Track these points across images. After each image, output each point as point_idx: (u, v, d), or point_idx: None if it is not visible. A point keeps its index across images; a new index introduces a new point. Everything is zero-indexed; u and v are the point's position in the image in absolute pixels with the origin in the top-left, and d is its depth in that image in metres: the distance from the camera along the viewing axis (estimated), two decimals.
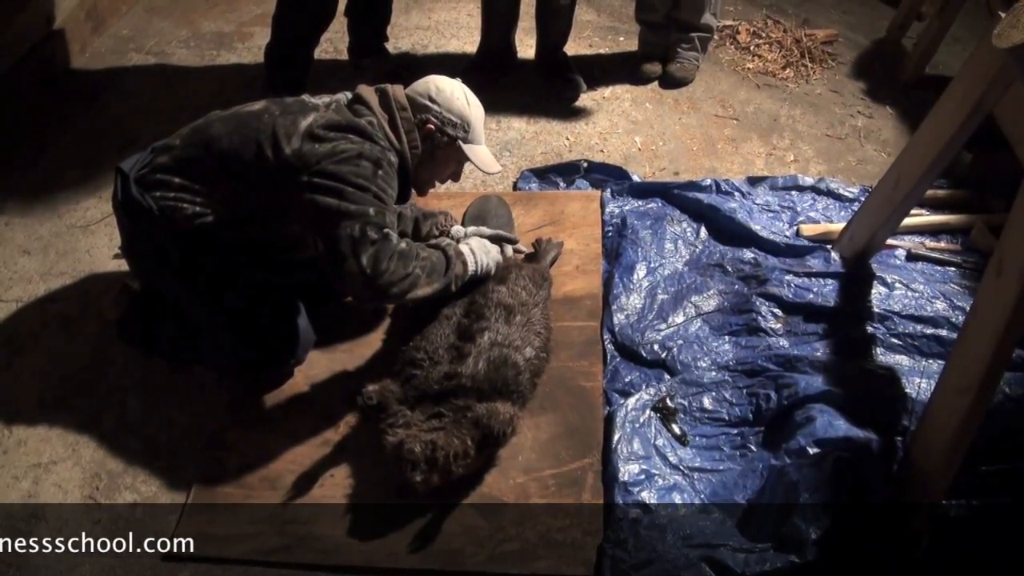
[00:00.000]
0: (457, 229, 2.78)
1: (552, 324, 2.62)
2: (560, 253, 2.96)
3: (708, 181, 3.23)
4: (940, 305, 2.69)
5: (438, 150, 2.52)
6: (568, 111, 3.82)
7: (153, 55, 4.30)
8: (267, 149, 2.28)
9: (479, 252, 2.54)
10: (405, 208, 2.73)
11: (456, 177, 2.68)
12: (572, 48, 4.01)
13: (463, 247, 2.53)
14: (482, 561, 2.17)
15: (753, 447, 2.40)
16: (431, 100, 2.48)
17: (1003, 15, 1.96)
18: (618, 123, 3.74)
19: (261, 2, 4.53)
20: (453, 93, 2.50)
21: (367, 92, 2.47)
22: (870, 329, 2.64)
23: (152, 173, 2.38)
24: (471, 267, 2.50)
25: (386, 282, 2.25)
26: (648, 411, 2.45)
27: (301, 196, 2.26)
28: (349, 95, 2.49)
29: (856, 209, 2.94)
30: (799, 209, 3.16)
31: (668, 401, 2.49)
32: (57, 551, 2.26)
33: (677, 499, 2.27)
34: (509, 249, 2.82)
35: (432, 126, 2.47)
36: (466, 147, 2.53)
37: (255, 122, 2.34)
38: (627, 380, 2.59)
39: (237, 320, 2.49)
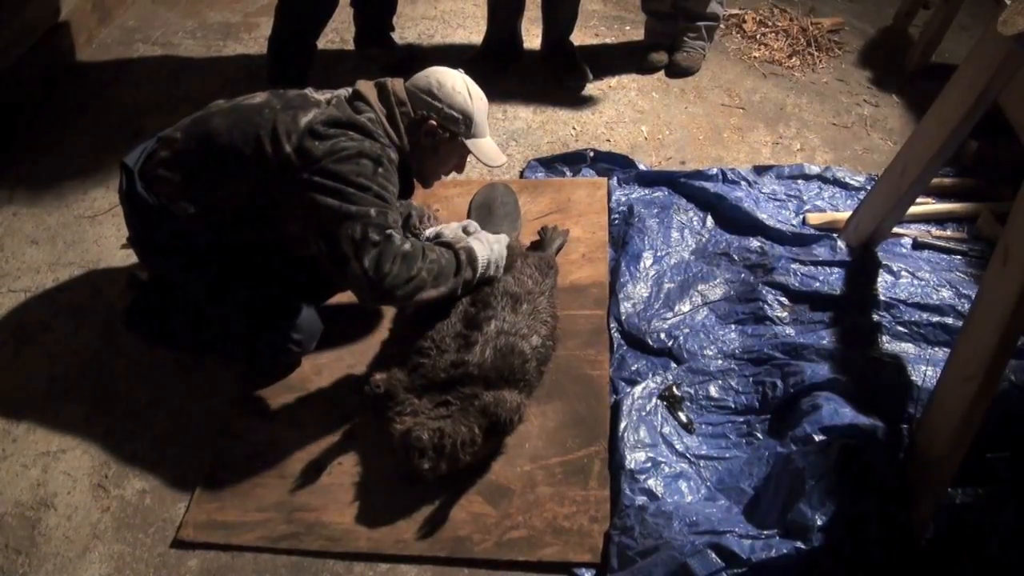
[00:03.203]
0: (430, 231, 2.66)
1: (558, 312, 2.62)
2: (566, 241, 2.97)
3: (714, 170, 3.23)
4: (946, 293, 2.69)
5: (440, 145, 2.48)
6: (574, 101, 3.82)
7: (160, 46, 4.30)
8: (267, 146, 2.25)
9: (493, 254, 2.51)
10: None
11: (460, 169, 2.66)
12: (578, 38, 4.01)
13: (476, 244, 2.48)
14: (489, 548, 2.18)
15: (759, 435, 2.41)
16: (432, 95, 2.43)
17: (1009, 2, 1.96)
18: (624, 112, 3.74)
19: None
20: (454, 87, 2.44)
21: (366, 87, 2.43)
22: (876, 317, 2.64)
23: (154, 168, 2.37)
24: (480, 268, 2.46)
25: (389, 285, 2.22)
26: (654, 399, 2.45)
27: (301, 194, 2.24)
28: (349, 90, 2.47)
29: (862, 198, 2.94)
30: (805, 198, 3.17)
31: (674, 389, 2.50)
32: (67, 539, 2.28)
33: (683, 487, 2.28)
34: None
35: (433, 122, 2.42)
36: (468, 142, 2.49)
37: (256, 117, 2.31)
38: (634, 368, 2.59)
39: (243, 311, 2.50)
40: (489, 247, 2.51)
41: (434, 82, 2.45)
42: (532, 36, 4.09)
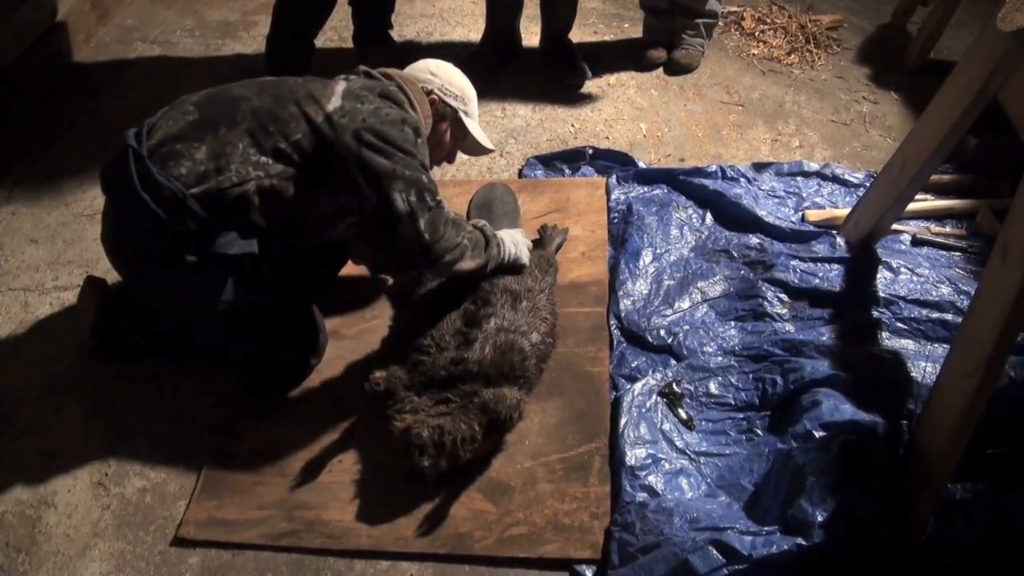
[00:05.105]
0: None
1: (558, 310, 2.63)
2: (566, 240, 2.97)
3: (714, 167, 3.23)
4: (945, 290, 2.69)
5: (440, 124, 2.54)
6: (573, 98, 3.82)
7: (158, 45, 4.30)
8: (306, 106, 2.23)
9: (508, 243, 2.54)
10: None
11: (451, 158, 2.69)
12: (577, 35, 4.00)
13: (498, 233, 2.55)
14: (490, 545, 2.18)
15: (759, 431, 2.41)
16: (431, 74, 2.53)
17: None
18: (623, 110, 3.74)
19: None
20: (451, 69, 2.57)
21: (373, 71, 2.48)
22: (875, 314, 2.64)
23: (172, 143, 2.20)
24: (504, 248, 2.51)
25: (441, 248, 2.27)
26: (654, 396, 2.45)
27: (349, 153, 2.20)
28: (361, 69, 2.51)
29: (861, 195, 2.94)
30: (804, 195, 3.17)
31: (674, 386, 2.50)
32: (67, 537, 2.28)
33: (684, 483, 2.28)
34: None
35: (435, 97, 2.50)
36: (467, 120, 2.56)
37: (281, 86, 2.31)
38: (633, 365, 2.59)
39: (262, 334, 2.45)
40: (504, 238, 2.55)
41: (432, 65, 2.57)
42: (531, 34, 4.09)
